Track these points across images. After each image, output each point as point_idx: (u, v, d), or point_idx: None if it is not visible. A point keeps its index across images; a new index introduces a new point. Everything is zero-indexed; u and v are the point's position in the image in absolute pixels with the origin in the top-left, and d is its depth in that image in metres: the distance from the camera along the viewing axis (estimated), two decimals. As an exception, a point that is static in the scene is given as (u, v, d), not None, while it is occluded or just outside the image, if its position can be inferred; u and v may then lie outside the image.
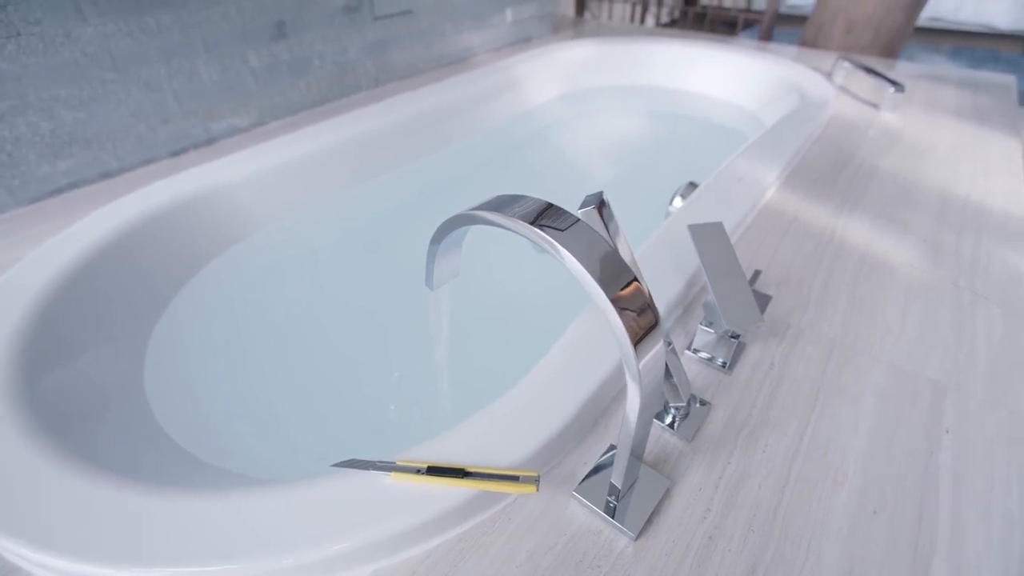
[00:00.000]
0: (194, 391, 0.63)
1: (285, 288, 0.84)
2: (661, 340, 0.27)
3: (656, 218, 0.84)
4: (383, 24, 1.17)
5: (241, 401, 0.65)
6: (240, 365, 0.70)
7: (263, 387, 0.68)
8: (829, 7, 1.64)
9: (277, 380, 0.69)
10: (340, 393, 0.67)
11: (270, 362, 0.71)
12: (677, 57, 1.43)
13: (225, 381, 0.67)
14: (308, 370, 0.70)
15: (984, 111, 1.14)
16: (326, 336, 0.77)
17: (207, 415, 0.60)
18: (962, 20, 2.72)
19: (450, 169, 1.16)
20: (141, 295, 0.68)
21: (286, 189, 0.93)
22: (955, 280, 0.63)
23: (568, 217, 0.28)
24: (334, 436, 0.61)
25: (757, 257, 0.65)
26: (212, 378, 0.66)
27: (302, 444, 0.59)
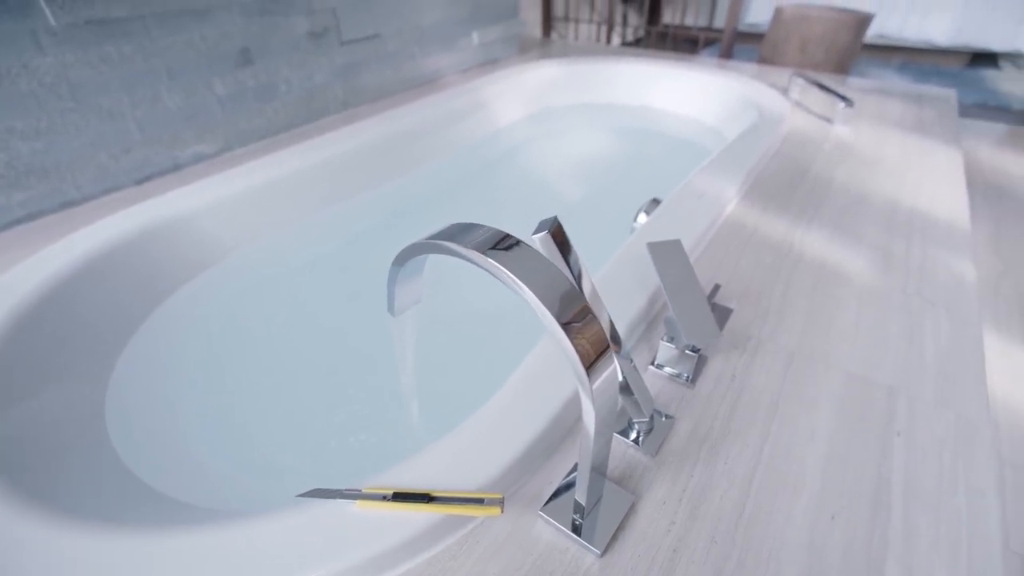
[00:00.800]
0: (158, 424, 0.61)
1: (254, 314, 0.83)
2: (614, 363, 0.28)
3: (623, 234, 0.86)
4: (350, 48, 1.19)
5: (207, 432, 0.63)
6: (206, 394, 0.69)
7: (230, 417, 0.67)
8: (783, 27, 1.71)
9: (244, 409, 0.68)
10: (308, 420, 0.67)
11: (237, 390, 0.70)
12: (641, 75, 1.47)
13: (191, 412, 0.65)
14: (274, 398, 0.70)
15: (928, 123, 1.20)
16: (295, 363, 0.76)
17: (171, 448, 0.59)
18: (906, 37, 2.87)
19: (420, 191, 1.17)
20: (103, 327, 0.67)
21: (255, 214, 0.93)
22: (904, 287, 0.66)
23: (520, 246, 0.29)
24: (301, 465, 0.60)
25: (719, 271, 0.67)
26: (177, 409, 0.65)
27: (268, 474, 0.58)
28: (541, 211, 1.10)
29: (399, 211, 1.12)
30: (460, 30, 1.44)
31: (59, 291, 0.63)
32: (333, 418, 0.66)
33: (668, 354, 0.49)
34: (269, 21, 1.02)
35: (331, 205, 1.03)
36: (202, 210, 0.84)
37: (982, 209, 1.19)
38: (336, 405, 0.68)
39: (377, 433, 0.63)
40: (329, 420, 0.65)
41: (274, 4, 1.02)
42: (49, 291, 0.62)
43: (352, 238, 1.04)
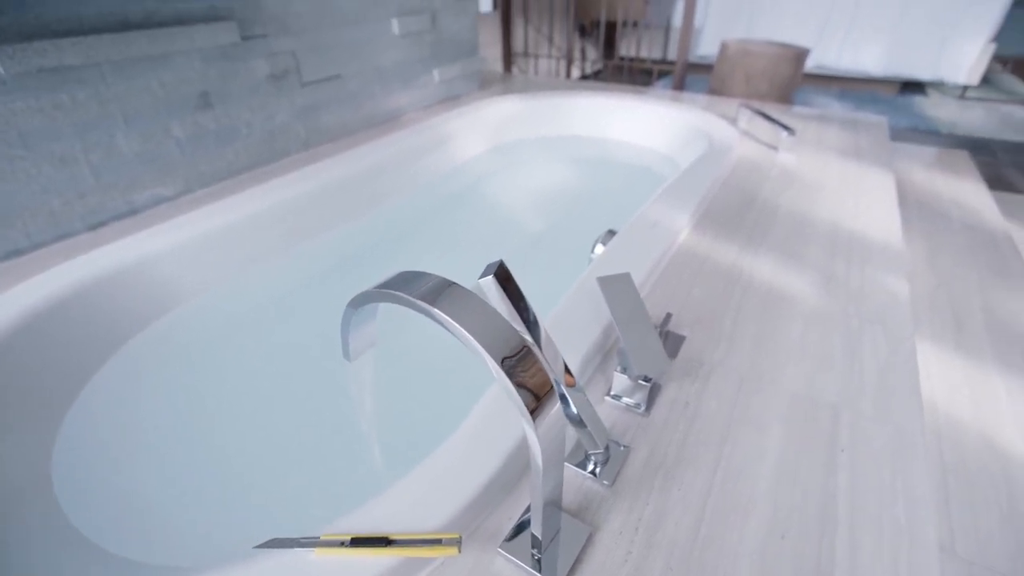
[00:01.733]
0: (109, 480, 0.59)
1: (213, 360, 0.82)
2: (557, 403, 0.30)
3: (582, 264, 0.89)
4: (311, 89, 1.20)
5: (162, 485, 0.61)
6: (161, 445, 0.67)
7: (186, 468, 0.65)
8: (728, 61, 1.82)
9: (200, 459, 0.66)
10: (268, 468, 0.65)
11: (194, 439, 0.69)
12: (598, 108, 1.53)
13: (144, 465, 0.63)
14: (232, 446, 0.68)
15: (863, 149, 1.28)
16: (254, 409, 0.74)
17: (123, 505, 0.57)
18: (843, 67, 3.07)
19: (383, 227, 1.18)
20: (49, 381, 0.65)
21: (215, 257, 0.92)
22: (845, 307, 0.69)
23: (463, 294, 0.31)
24: (261, 515, 0.59)
25: (673, 299, 0.70)
26: (129, 463, 0.63)
27: (226, 526, 0.56)
28: (503, 243, 1.15)
29: (363, 248, 1.12)
30: (421, 68, 1.48)
31: (2, 345, 0.61)
32: (293, 465, 0.65)
33: (622, 384, 0.51)
34: (229, 66, 1.03)
35: (294, 245, 1.03)
36: (159, 254, 0.83)
37: (917, 227, 1.27)
38: (296, 451, 0.67)
39: (338, 477, 0.62)
40: (289, 467, 0.64)
41: (234, 49, 1.03)
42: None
43: (316, 277, 1.04)
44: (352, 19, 1.25)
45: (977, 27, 2.73)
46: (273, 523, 0.45)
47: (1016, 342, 0.90)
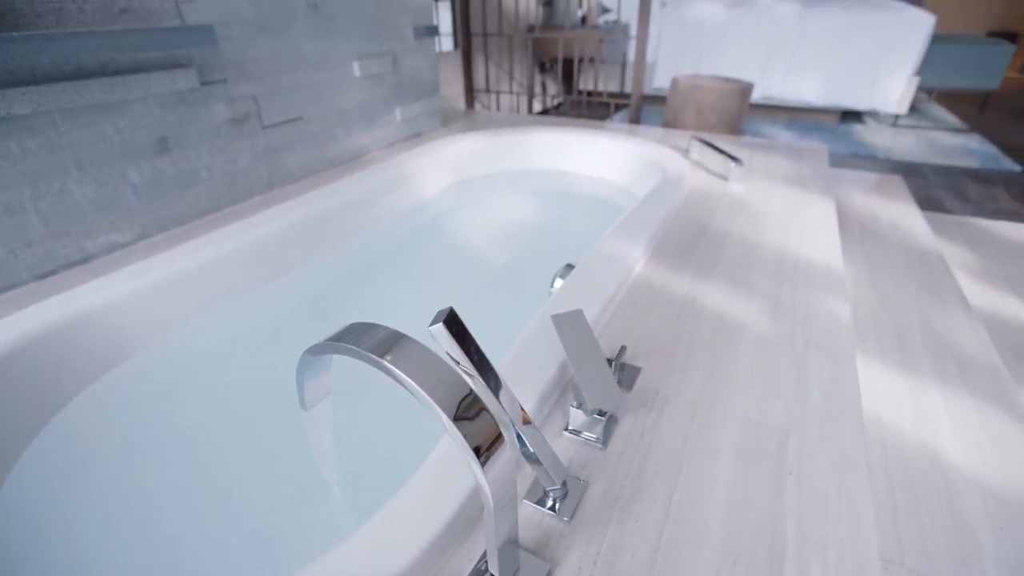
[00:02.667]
0: (50, 552, 0.56)
1: (169, 412, 0.80)
2: (506, 449, 0.31)
3: (543, 297, 0.91)
4: (273, 132, 1.21)
5: (109, 553, 0.59)
6: (109, 508, 0.64)
7: (136, 530, 0.62)
8: (679, 96, 1.92)
9: (152, 519, 0.64)
10: (225, 524, 0.63)
11: (146, 499, 0.66)
12: (558, 143, 1.59)
13: (89, 532, 0.61)
14: (187, 503, 0.66)
15: (806, 177, 1.36)
16: (210, 461, 0.72)
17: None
18: (788, 98, 3.27)
19: (348, 265, 1.18)
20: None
21: (173, 303, 0.90)
22: (791, 332, 0.73)
23: (412, 346, 0.32)
24: (216, 573, 0.57)
25: (629, 330, 0.72)
26: (74, 531, 0.60)
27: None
28: (466, 278, 1.16)
29: (327, 288, 1.12)
30: (383, 108, 1.51)
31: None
32: (246, 517, 0.63)
33: (579, 419, 0.52)
34: (188, 111, 1.04)
35: (256, 289, 1.02)
36: (111, 303, 0.81)
37: (860, 249, 1.34)
38: (250, 502, 0.65)
39: (295, 526, 0.60)
40: (246, 521, 0.63)
41: (193, 94, 1.04)
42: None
43: (278, 321, 1.03)
44: (313, 63, 1.27)
45: (901, 63, 2.96)
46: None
47: (950, 356, 0.96)
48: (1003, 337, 1.34)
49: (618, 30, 2.88)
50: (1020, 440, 0.80)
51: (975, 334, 1.03)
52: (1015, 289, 1.55)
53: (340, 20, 1.32)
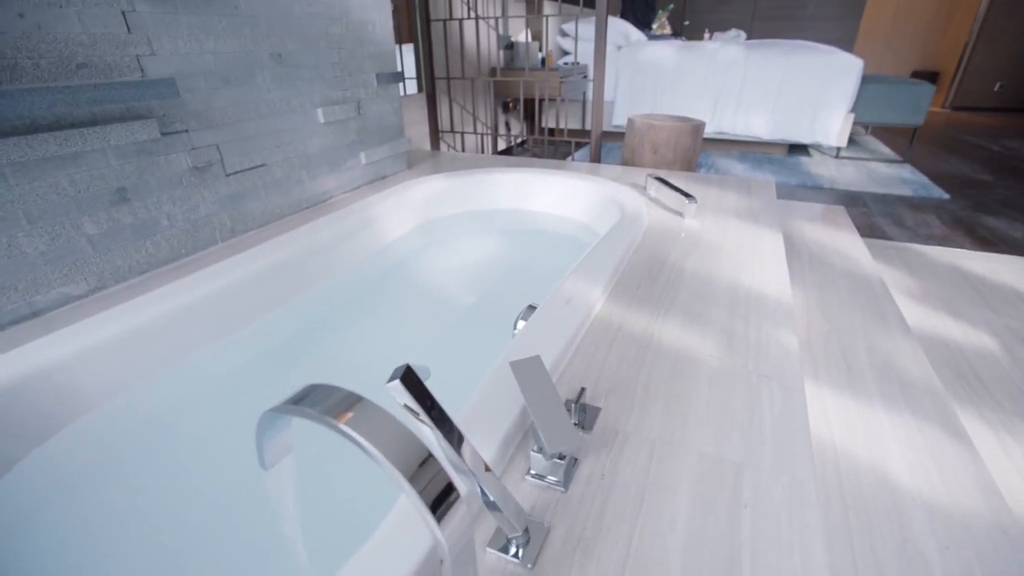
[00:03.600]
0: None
1: (124, 473, 0.77)
2: (462, 506, 0.32)
3: (506, 338, 0.93)
4: (236, 179, 1.22)
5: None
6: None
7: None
8: (636, 134, 2.01)
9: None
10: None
11: (98, 569, 0.63)
12: (521, 183, 1.64)
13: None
14: (145, 570, 0.63)
15: (756, 210, 1.44)
16: (167, 526, 0.70)
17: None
18: (739, 133, 3.46)
19: (314, 311, 1.18)
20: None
21: (132, 356, 0.88)
22: (745, 364, 0.77)
23: (368, 408, 0.33)
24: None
25: (589, 370, 0.74)
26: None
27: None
28: (431, 321, 1.17)
29: (293, 334, 1.11)
30: (348, 153, 1.53)
31: None
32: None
33: (540, 463, 0.53)
34: (148, 160, 1.04)
35: (219, 338, 1.01)
36: (63, 359, 0.79)
37: (810, 278, 1.42)
38: (213, 571, 0.63)
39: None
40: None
41: (154, 144, 1.04)
42: None
43: (243, 371, 1.01)
44: (277, 111, 1.29)
45: (838, 101, 3.19)
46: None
47: (894, 378, 1.02)
48: (942, 356, 1.42)
49: (577, 72, 3.02)
50: (960, 459, 0.84)
51: (915, 357, 1.09)
52: (951, 310, 1.65)
53: (304, 69, 1.35)
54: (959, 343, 1.49)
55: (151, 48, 1.02)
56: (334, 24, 1.43)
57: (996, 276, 1.89)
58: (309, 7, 1.34)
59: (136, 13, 0.98)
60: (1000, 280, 1.86)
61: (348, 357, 1.13)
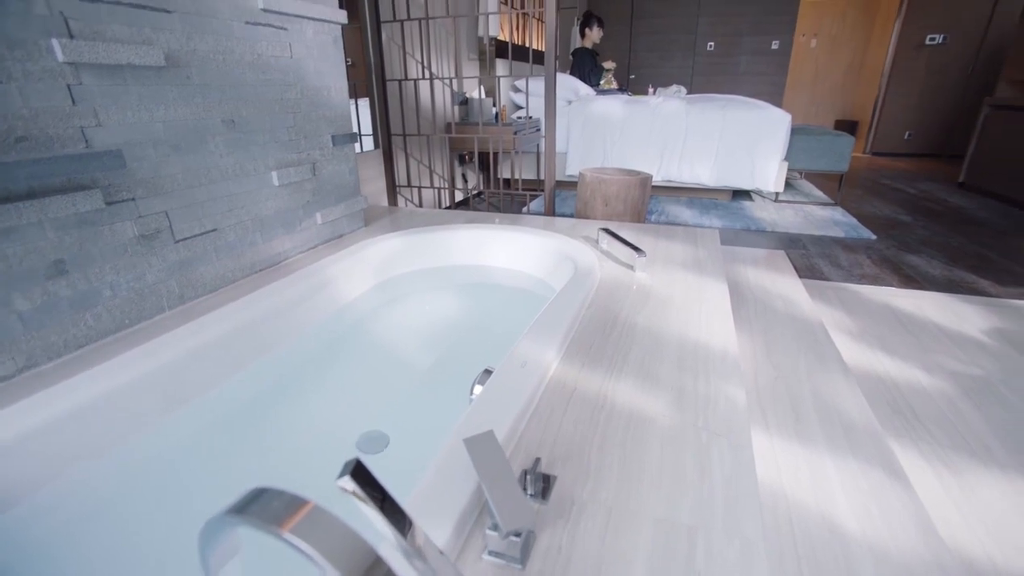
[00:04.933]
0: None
1: (53, 571, 0.71)
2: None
3: (464, 402, 0.93)
4: (186, 245, 1.20)
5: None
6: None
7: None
8: (588, 187, 2.10)
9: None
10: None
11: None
12: (477, 240, 1.67)
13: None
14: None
15: (702, 261, 1.51)
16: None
17: None
18: (685, 180, 3.66)
19: (271, 377, 1.15)
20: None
21: (65, 440, 0.83)
22: (695, 422, 0.79)
23: (313, 513, 0.33)
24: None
25: (545, 436, 0.75)
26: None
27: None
28: (388, 385, 1.16)
29: (246, 404, 1.08)
30: (303, 213, 1.53)
31: None
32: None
33: (496, 542, 0.53)
34: (90, 231, 1.01)
35: (167, 413, 0.96)
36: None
37: (756, 323, 1.49)
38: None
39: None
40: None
41: (97, 215, 1.02)
42: None
43: (192, 447, 0.96)
44: (229, 176, 1.29)
45: (772, 150, 3.44)
46: None
47: (837, 422, 1.07)
48: (879, 393, 1.50)
49: (530, 126, 3.15)
50: (900, 500, 0.89)
51: (855, 399, 1.15)
52: (885, 347, 1.76)
53: (258, 134, 1.36)
54: (894, 379, 1.58)
55: (97, 119, 1.01)
56: (289, 90, 1.45)
57: (921, 312, 2.04)
58: (264, 74, 1.37)
59: (82, 86, 0.98)
60: (925, 316, 2.01)
61: (306, 424, 1.10)
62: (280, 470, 0.98)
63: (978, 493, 1.11)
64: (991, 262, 2.60)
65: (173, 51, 1.13)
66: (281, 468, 0.98)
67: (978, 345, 1.78)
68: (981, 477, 1.16)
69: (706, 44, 6.98)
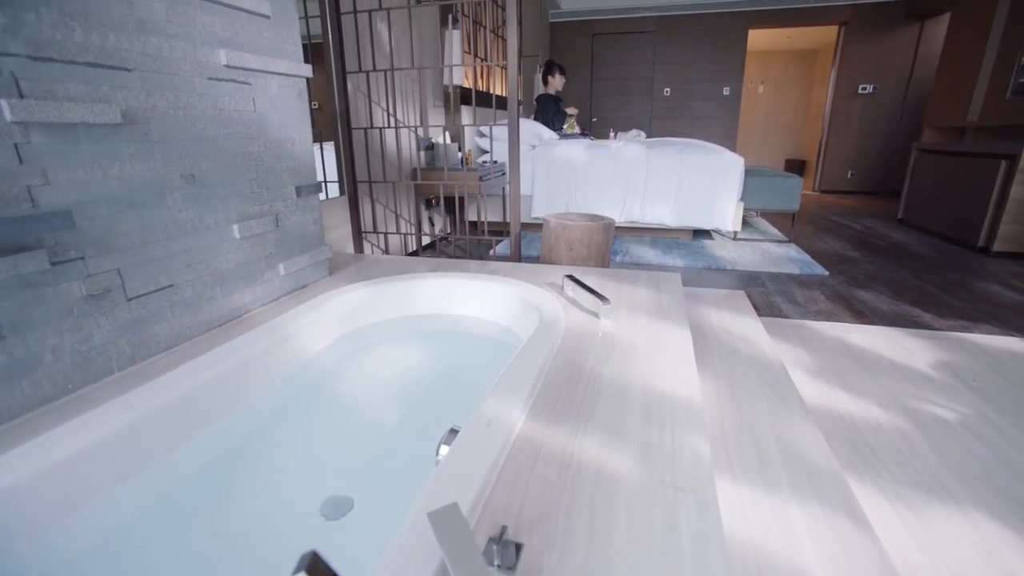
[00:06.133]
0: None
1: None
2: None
3: (430, 460, 0.91)
4: (139, 303, 1.15)
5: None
6: None
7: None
8: (552, 233, 2.14)
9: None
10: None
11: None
12: (443, 288, 1.67)
13: None
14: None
15: (665, 305, 1.55)
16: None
17: None
18: (648, 221, 3.79)
19: (230, 438, 1.10)
20: None
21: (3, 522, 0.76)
22: (661, 477, 0.79)
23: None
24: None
25: (512, 499, 0.74)
26: None
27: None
28: (353, 443, 1.13)
29: (205, 470, 1.02)
30: (265, 265, 1.51)
31: None
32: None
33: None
34: (32, 292, 0.96)
35: (114, 486, 0.90)
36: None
37: (720, 366, 1.52)
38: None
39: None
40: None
41: (41, 276, 0.97)
42: None
43: (146, 519, 0.90)
44: (187, 231, 1.26)
45: (728, 192, 3.61)
46: None
47: (800, 465, 1.09)
48: (838, 430, 1.54)
49: (495, 170, 3.22)
50: (863, 544, 0.90)
51: (815, 441, 1.18)
52: (842, 383, 1.82)
53: (218, 187, 1.35)
54: (852, 415, 1.63)
55: (45, 178, 0.98)
56: (252, 143, 1.45)
57: (873, 347, 2.13)
58: (226, 128, 1.36)
59: (31, 145, 0.96)
60: (876, 351, 2.09)
61: (267, 490, 1.04)
62: (240, 542, 0.92)
63: (938, 531, 1.14)
64: (932, 296, 2.76)
65: (131, 108, 1.12)
66: (241, 539, 0.93)
67: (926, 379, 1.86)
68: (939, 514, 1.19)
69: (663, 90, 7.37)
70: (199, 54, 1.28)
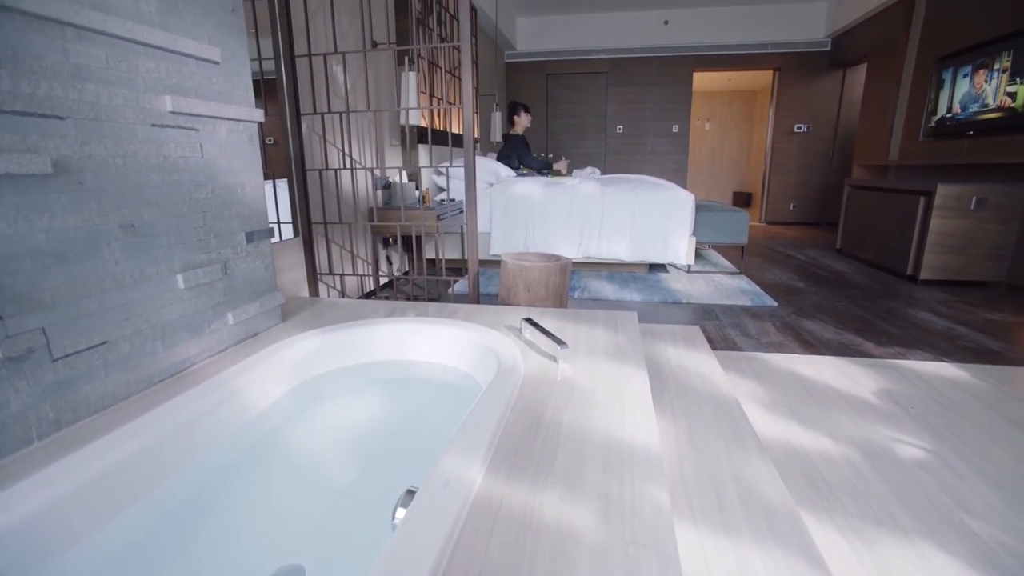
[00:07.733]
0: None
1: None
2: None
3: (386, 524, 0.87)
4: (66, 363, 1.07)
5: None
6: None
7: None
8: (509, 274, 2.15)
9: None
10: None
11: None
12: (399, 333, 1.64)
13: None
14: None
15: (622, 346, 1.57)
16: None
17: None
18: (604, 256, 3.88)
19: (173, 504, 1.02)
20: None
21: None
22: (622, 533, 0.78)
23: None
24: None
25: (471, 565, 0.71)
26: None
27: None
28: (308, 501, 1.07)
29: (144, 540, 0.94)
30: (212, 315, 1.44)
31: None
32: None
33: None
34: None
35: (42, 563, 0.81)
36: None
37: (677, 405, 1.54)
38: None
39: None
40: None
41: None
42: None
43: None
44: (126, 283, 1.20)
45: (680, 227, 3.75)
46: None
47: (758, 507, 1.10)
48: (793, 463, 1.58)
49: (453, 208, 3.23)
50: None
51: (771, 479, 1.20)
52: (795, 415, 1.88)
53: (161, 236, 1.29)
54: (806, 448, 1.68)
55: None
56: (199, 190, 1.41)
57: (821, 377, 2.22)
58: (170, 176, 1.32)
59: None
60: (824, 381, 2.18)
61: (212, 560, 0.97)
62: None
63: (889, 565, 1.17)
64: (871, 324, 2.92)
65: (64, 157, 1.07)
66: None
67: (871, 407, 1.95)
68: (891, 547, 1.23)
69: (615, 127, 7.68)
70: (142, 101, 1.24)
